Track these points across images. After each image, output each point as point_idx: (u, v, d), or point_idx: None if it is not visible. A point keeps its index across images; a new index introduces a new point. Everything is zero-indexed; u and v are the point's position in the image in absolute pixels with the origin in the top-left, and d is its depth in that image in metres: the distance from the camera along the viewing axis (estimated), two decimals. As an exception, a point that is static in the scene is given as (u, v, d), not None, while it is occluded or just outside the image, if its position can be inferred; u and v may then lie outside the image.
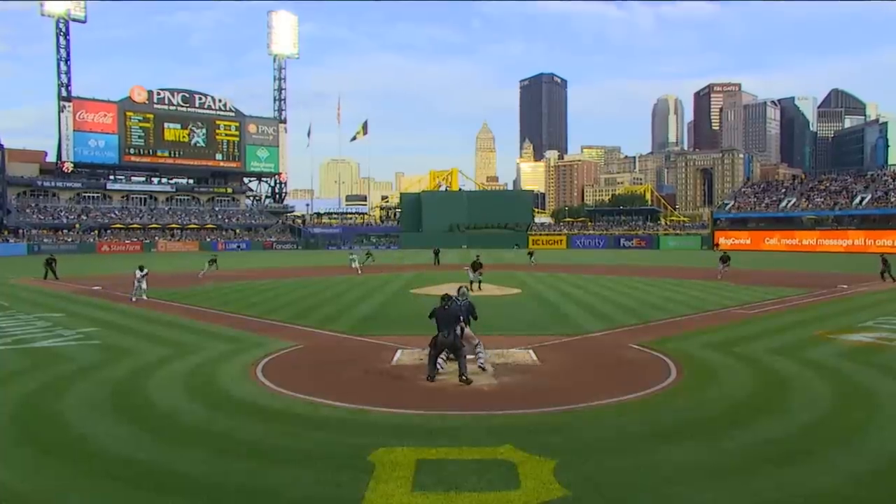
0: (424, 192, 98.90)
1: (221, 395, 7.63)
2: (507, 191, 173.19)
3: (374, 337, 11.79)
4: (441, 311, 8.37)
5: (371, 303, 17.70)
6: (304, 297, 19.34)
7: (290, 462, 5.47)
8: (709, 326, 12.81)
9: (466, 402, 7.37)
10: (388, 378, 8.59)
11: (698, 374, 8.59)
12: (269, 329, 12.94)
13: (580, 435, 6.12)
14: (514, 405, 7.17)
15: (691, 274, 28.02)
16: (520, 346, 10.68)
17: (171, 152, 79.09)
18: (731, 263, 25.47)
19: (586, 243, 72.96)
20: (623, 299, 18.03)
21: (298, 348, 10.80)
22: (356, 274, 27.36)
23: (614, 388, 7.89)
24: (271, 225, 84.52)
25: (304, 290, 22.32)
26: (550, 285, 23.03)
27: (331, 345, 11.24)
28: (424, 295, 20.18)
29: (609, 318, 14.02)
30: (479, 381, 8.31)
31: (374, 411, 6.90)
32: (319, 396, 7.48)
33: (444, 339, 8.14)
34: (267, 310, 16.03)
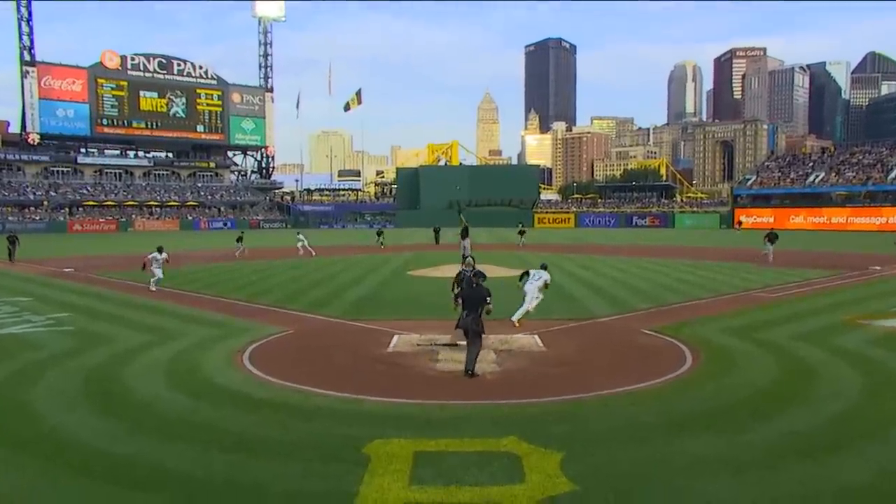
0: (422, 166, 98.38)
1: (205, 384, 7.63)
2: (511, 165, 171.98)
3: (368, 321, 11.79)
4: (469, 290, 8.33)
5: (366, 285, 17.68)
6: (295, 279, 19.31)
7: (278, 455, 5.48)
8: (728, 310, 12.81)
9: (468, 390, 7.38)
10: (383, 365, 8.59)
11: (716, 361, 8.59)
12: (256, 313, 12.94)
13: (589, 426, 6.13)
14: (519, 394, 7.19)
15: (709, 255, 27.98)
16: (524, 331, 10.68)
17: (148, 123, 78.04)
18: (772, 244, 23.50)
19: (596, 222, 72.85)
20: (635, 281, 18.01)
21: (288, 334, 10.80)
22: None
23: (625, 375, 7.91)
24: (258, 202, 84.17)
25: (294, 271, 22.30)
26: (557, 266, 22.92)
27: (322, 330, 11.24)
28: (423, 277, 20.25)
29: (620, 302, 14.03)
30: (481, 368, 8.31)
31: (368, 401, 6.91)
32: (310, 385, 7.48)
33: (464, 321, 8.07)
34: (254, 293, 16.03)
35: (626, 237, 48.02)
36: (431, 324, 11.47)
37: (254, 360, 8.83)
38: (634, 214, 73.90)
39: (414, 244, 33.36)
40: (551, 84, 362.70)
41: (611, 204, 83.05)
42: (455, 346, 9.67)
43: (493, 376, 8.03)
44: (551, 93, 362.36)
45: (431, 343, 9.87)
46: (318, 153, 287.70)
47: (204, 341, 10.07)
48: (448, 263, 23.41)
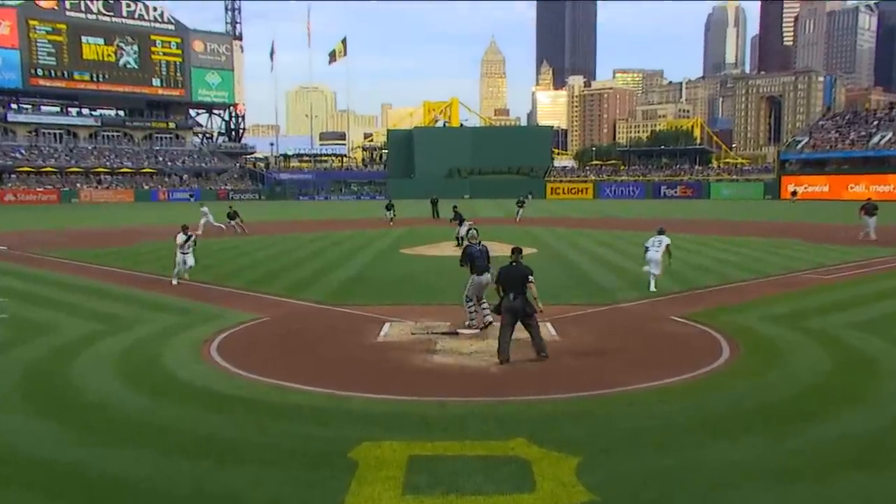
0: (417, 128, 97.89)
1: (166, 380, 7.64)
2: (521, 127, 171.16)
3: (355, 307, 11.81)
4: (508, 269, 8.42)
5: (352, 265, 17.68)
6: (271, 258, 19.31)
7: (252, 460, 5.49)
8: (772, 294, 12.81)
9: (470, 385, 7.39)
10: (373, 357, 8.61)
11: (758, 352, 8.53)
12: (226, 298, 12.95)
13: (609, 426, 6.13)
14: (529, 390, 7.23)
15: (750, 229, 27.95)
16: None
17: (94, 75, 76.61)
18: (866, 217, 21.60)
19: (618, 192, 72.70)
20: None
21: (262, 321, 10.80)
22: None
23: (652, 369, 7.90)
24: (226, 169, 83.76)
25: (270, 248, 22.25)
26: (573, 243, 23.00)
27: (302, 317, 11.25)
28: (418, 256, 20.23)
29: (645, 284, 13.95)
30: (486, 360, 8.33)
31: (356, 397, 6.93)
32: (289, 379, 7.50)
33: (509, 304, 8.19)
34: (224, 274, 16.01)
35: (654, 210, 47.91)
36: (428, 309, 11.45)
37: (223, 352, 8.83)
38: (663, 183, 73.63)
39: (408, 218, 33.31)
40: (567, 31, 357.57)
41: (635, 171, 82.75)
42: (455, 334, 9.70)
43: (499, 370, 8.05)
44: (567, 41, 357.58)
45: (428, 331, 9.88)
46: (296, 113, 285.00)
47: (165, 330, 10.04)
48: (447, 241, 23.41)
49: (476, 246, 10.37)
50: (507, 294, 8.26)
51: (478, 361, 8.37)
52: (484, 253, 10.30)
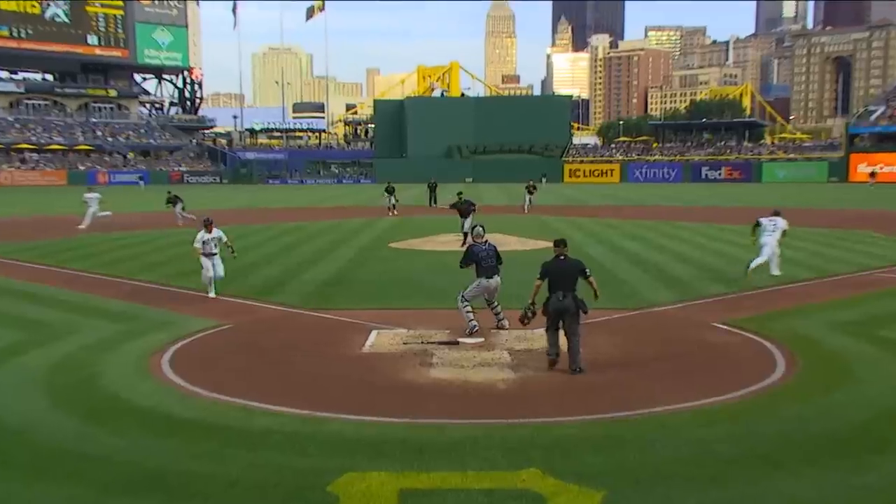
0: (410, 98, 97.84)
1: (106, 401, 7.61)
2: (534, 96, 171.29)
3: (336, 312, 11.85)
4: (555, 264, 8.64)
5: (332, 262, 17.70)
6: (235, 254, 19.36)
7: (211, 497, 5.47)
8: (839, 297, 12.83)
9: (473, 405, 7.40)
10: (357, 371, 8.62)
11: (821, 368, 8.54)
12: (180, 301, 12.98)
13: (640, 455, 6.12)
14: (543, 410, 7.27)
15: (811, 219, 27.94)
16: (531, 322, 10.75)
17: (13, 30, 75.76)
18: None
19: (650, 174, 72.94)
20: (705, 256, 18.04)
21: (224, 329, 10.85)
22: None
23: (690, 386, 7.91)
24: (180, 147, 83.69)
25: (236, 241, 22.00)
26: (595, 236, 23.05)
27: (273, 324, 11.26)
28: (410, 251, 20.27)
29: (684, 285, 14.06)
30: (492, 374, 8.33)
31: (337, 419, 6.95)
32: (257, 399, 7.50)
33: (559, 304, 8.42)
34: (176, 273, 16.03)
35: (693, 195, 48.02)
36: (423, 315, 11.46)
37: (177, 366, 8.85)
38: (704, 164, 73.80)
39: (399, 206, 33.36)
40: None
41: (671, 150, 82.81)
42: (455, 343, 9.70)
43: (508, 386, 8.05)
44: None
45: (423, 340, 9.90)
46: (264, 80, 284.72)
47: (104, 341, 10.06)
48: (446, 232, 23.42)
49: (481, 245, 10.49)
50: (556, 292, 8.42)
51: (483, 376, 8.36)
52: (491, 252, 10.43)
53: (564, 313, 8.44)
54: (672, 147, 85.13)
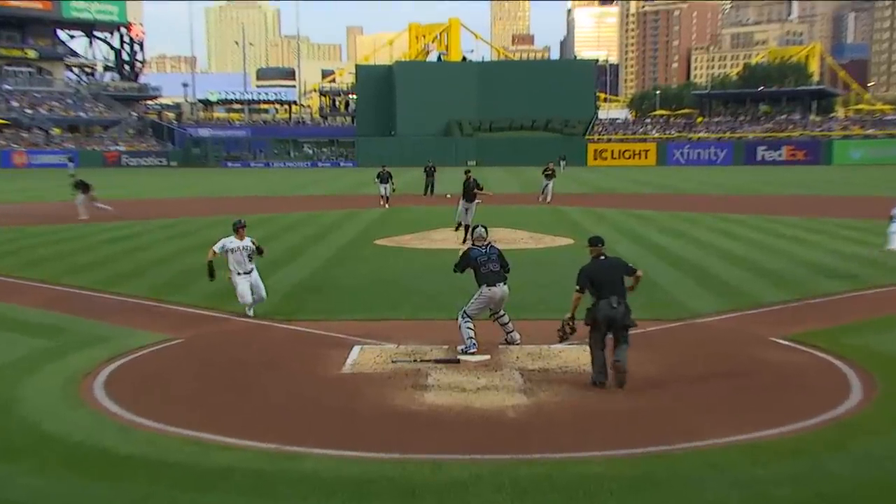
0: (400, 63, 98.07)
1: (24, 433, 7.56)
2: (551, 61, 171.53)
3: (310, 324, 11.86)
4: (597, 265, 8.84)
5: (305, 263, 17.70)
6: (184, 253, 19.32)
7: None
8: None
9: (477, 437, 7.40)
10: (336, 396, 8.62)
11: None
12: (118, 310, 12.97)
13: (680, 500, 6.12)
14: (563, 442, 7.28)
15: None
16: (572, 339, 10.70)
17: None
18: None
19: (693, 156, 73.13)
20: (761, 257, 18.05)
21: (173, 345, 10.86)
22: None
23: (743, 415, 7.91)
24: (118, 121, 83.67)
25: (183, 239, 22.27)
26: (627, 231, 23.09)
27: (233, 338, 11.26)
28: (399, 249, 20.28)
29: (734, 291, 14.06)
30: (500, 400, 8.31)
31: (311, 455, 6.96)
32: (214, 430, 7.50)
33: (610, 312, 8.62)
34: (114, 275, 16.02)
35: (747, 181, 48.10)
36: (416, 326, 11.48)
37: (115, 391, 8.82)
38: (761, 142, 73.98)
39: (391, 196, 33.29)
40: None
41: (720, 126, 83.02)
42: (455, 362, 9.70)
43: (519, 413, 8.05)
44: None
45: (415, 358, 9.91)
46: (221, 39, 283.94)
47: (22, 360, 9.96)
48: (443, 227, 23.40)
49: (481, 248, 10.55)
50: (607, 298, 8.64)
51: (489, 401, 8.35)
52: (494, 256, 10.48)
53: (616, 322, 8.60)
54: (721, 122, 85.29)
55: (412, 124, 79.05)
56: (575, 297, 8.95)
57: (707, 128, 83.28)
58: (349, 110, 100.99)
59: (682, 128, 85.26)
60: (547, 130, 79.30)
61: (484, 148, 75.17)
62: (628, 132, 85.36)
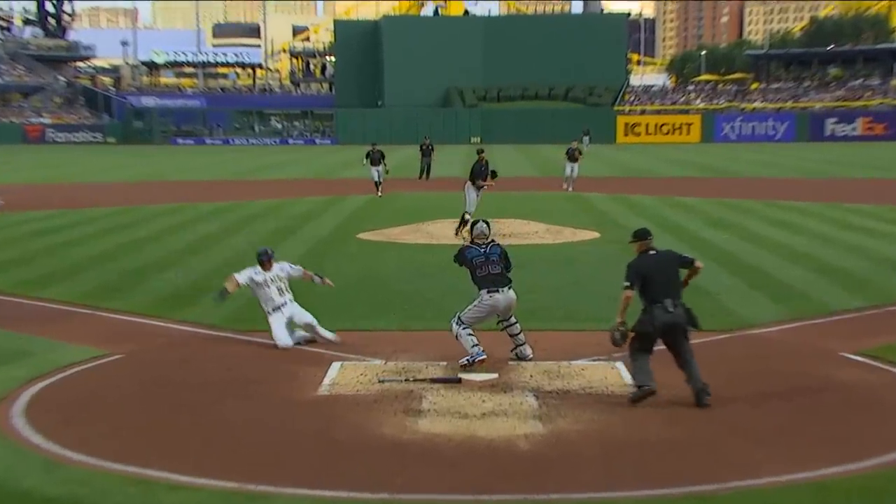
0: (388, 17, 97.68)
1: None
2: (572, 15, 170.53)
3: (276, 336, 11.87)
4: (646, 260, 9.05)
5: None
6: (123, 250, 19.41)
7: None
8: None
9: (483, 472, 7.39)
10: (312, 422, 8.63)
11: None
12: (42, 319, 12.95)
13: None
14: (587, 480, 7.29)
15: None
16: (595, 354, 10.73)
17: None
18: None
19: (746, 131, 73.09)
20: (828, 253, 18.09)
21: (113, 361, 10.86)
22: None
23: (806, 447, 7.91)
24: (41, 87, 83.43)
25: (122, 233, 22.35)
26: (664, 223, 23.09)
27: (186, 351, 11.28)
28: (388, 244, 20.33)
29: (794, 296, 14.09)
30: (511, 428, 8.31)
31: (281, 495, 6.99)
32: (161, 465, 7.50)
33: (667, 316, 8.79)
34: (38, 276, 16.02)
35: (813, 161, 48.04)
36: (408, 338, 11.50)
37: (37, 418, 8.82)
38: (829, 113, 73.95)
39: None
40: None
41: (779, 94, 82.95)
42: (456, 381, 9.70)
43: (534, 444, 8.04)
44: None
45: (407, 377, 9.92)
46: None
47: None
48: (441, 218, 23.39)
49: (479, 247, 10.53)
50: (662, 301, 8.78)
51: (496, 429, 8.35)
52: (493, 257, 10.46)
53: (675, 329, 8.73)
54: (781, 89, 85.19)
55: (403, 93, 78.97)
56: (624, 296, 8.97)
57: (763, 96, 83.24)
58: (326, 75, 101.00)
59: (733, 96, 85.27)
60: (567, 100, 79.33)
61: (490, 122, 75.12)
62: (667, 102, 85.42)
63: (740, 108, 79.68)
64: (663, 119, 76.95)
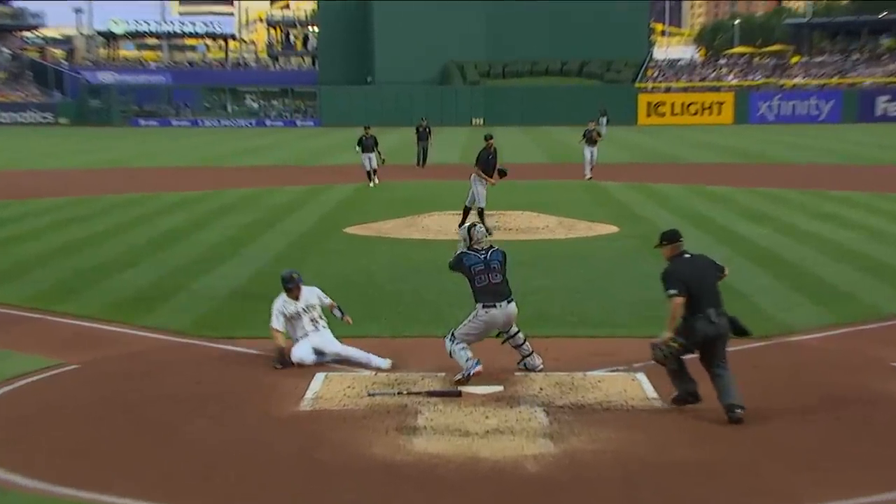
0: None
1: None
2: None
3: (255, 342, 11.92)
4: (688, 265, 9.13)
5: (250, 259, 17.85)
6: (80, 245, 19.45)
7: None
8: None
9: (484, 498, 7.42)
10: (292, 442, 8.63)
11: None
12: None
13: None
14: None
15: None
16: (614, 363, 10.76)
17: None
18: None
19: (786, 111, 73.14)
20: (880, 250, 18.10)
21: (65, 372, 10.86)
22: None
23: (855, 470, 7.92)
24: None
25: (77, 226, 22.37)
26: (692, 215, 23.14)
27: (148, 362, 11.26)
28: (378, 239, 20.37)
29: (841, 298, 14.08)
30: (518, 447, 8.30)
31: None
32: (120, 491, 7.51)
33: (710, 327, 8.89)
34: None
35: (861, 145, 47.95)
36: (401, 346, 11.53)
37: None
38: (880, 90, 73.80)
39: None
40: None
41: (824, 68, 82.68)
42: (455, 395, 9.71)
43: (544, 466, 8.03)
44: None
45: (400, 390, 9.94)
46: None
47: None
48: (438, 210, 23.42)
49: (478, 254, 10.48)
50: (704, 310, 8.87)
51: (502, 449, 8.34)
52: (494, 265, 10.44)
53: (718, 341, 8.83)
54: (826, 63, 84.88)
55: (396, 69, 78.68)
56: (675, 303, 8.91)
57: (806, 71, 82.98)
58: (309, 48, 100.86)
59: (771, 71, 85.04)
60: (582, 77, 79.10)
61: (494, 101, 75.04)
62: (695, 78, 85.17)
63: (779, 84, 79.45)
64: (691, 97, 76.76)
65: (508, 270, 10.51)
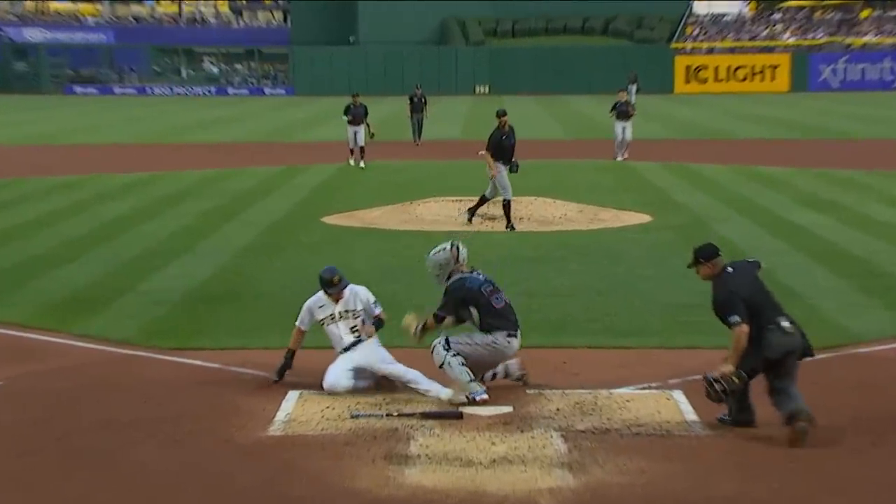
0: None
1: None
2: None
3: (215, 354, 11.99)
4: (742, 277, 9.30)
5: (208, 255, 17.93)
6: (7, 236, 19.61)
7: None
8: None
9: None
10: (260, 474, 8.67)
11: None
12: None
13: None
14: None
15: None
16: (644, 379, 10.85)
17: None
18: None
19: (854, 75, 73.30)
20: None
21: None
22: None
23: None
24: None
25: (7, 213, 22.48)
26: (740, 201, 23.29)
27: (88, 378, 11.32)
28: (362, 231, 20.49)
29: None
30: (530, 480, 8.31)
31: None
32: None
33: (786, 339, 9.06)
34: None
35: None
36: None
37: None
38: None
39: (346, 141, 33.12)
40: None
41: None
42: (456, 417, 9.75)
43: (558, 502, 8.04)
44: None
45: (389, 411, 10.01)
46: None
47: None
48: (435, 195, 23.36)
49: (476, 273, 10.64)
50: (774, 322, 9.05)
51: (511, 482, 8.37)
52: (496, 284, 10.58)
53: (792, 355, 8.99)
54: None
55: (384, 26, 78.71)
56: (739, 333, 8.91)
57: (878, 27, 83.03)
58: (279, 1, 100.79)
59: (836, 28, 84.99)
60: (607, 35, 79.04)
61: (502, 65, 74.94)
62: (744, 36, 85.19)
63: (845, 44, 79.46)
64: (739, 60, 76.75)
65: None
